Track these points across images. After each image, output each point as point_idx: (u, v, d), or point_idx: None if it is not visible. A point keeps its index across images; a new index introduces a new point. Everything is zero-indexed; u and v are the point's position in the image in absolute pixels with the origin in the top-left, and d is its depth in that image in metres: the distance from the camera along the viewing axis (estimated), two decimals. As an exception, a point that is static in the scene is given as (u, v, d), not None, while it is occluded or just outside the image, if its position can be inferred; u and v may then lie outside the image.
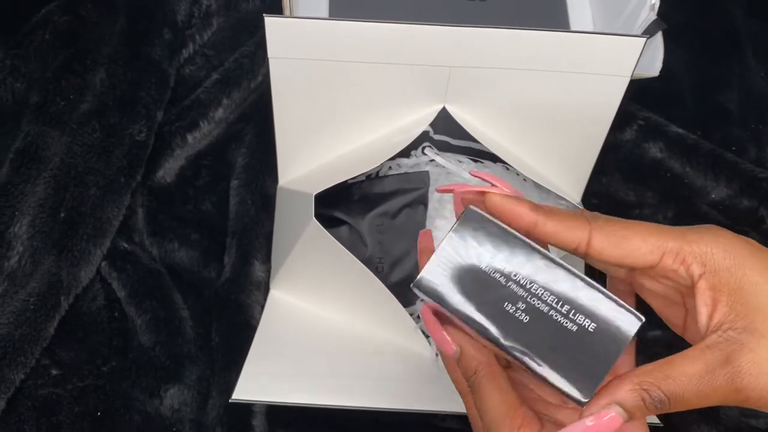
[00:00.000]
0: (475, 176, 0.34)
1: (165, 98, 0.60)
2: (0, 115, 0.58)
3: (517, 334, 0.30)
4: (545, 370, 0.29)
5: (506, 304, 0.30)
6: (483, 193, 0.32)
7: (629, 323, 0.29)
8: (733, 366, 0.28)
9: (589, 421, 0.28)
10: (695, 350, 0.29)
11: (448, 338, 0.32)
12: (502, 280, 0.30)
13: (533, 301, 0.30)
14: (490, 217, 0.31)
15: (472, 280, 0.30)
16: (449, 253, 0.30)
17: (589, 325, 0.29)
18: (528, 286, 0.30)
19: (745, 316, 0.28)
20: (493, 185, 0.32)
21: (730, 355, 0.28)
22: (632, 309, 0.29)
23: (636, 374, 0.29)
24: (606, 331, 0.29)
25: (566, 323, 0.29)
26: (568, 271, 0.30)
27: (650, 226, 0.30)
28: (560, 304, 0.29)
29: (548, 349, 0.29)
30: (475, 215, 0.31)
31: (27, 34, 0.60)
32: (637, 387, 0.28)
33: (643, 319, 0.29)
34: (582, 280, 0.29)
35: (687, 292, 0.31)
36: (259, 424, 0.51)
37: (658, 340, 0.54)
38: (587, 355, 0.29)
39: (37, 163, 0.54)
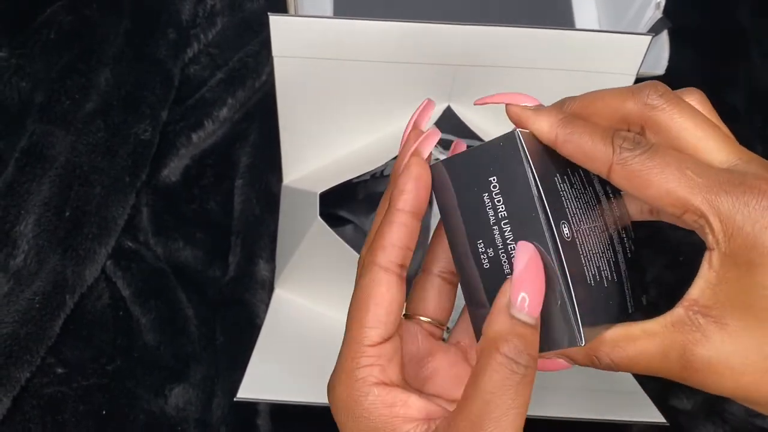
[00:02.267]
0: (484, 102, 0.32)
1: (170, 98, 0.60)
2: (5, 114, 0.58)
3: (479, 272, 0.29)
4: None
5: (479, 242, 0.29)
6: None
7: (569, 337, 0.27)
8: (687, 359, 0.26)
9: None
10: (657, 325, 0.27)
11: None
12: (492, 219, 0.28)
13: (502, 255, 0.28)
14: (526, 156, 0.27)
15: (474, 198, 0.29)
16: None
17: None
18: (507, 242, 0.28)
19: (725, 307, 0.26)
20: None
21: (687, 346, 0.26)
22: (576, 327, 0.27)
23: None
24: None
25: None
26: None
27: (681, 176, 0.25)
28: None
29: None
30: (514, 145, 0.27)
31: (32, 33, 0.60)
32: (589, 353, 0.28)
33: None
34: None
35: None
36: (264, 423, 0.51)
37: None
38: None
39: (42, 163, 0.55)
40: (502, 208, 0.28)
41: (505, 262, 0.28)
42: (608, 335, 0.28)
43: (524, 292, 0.26)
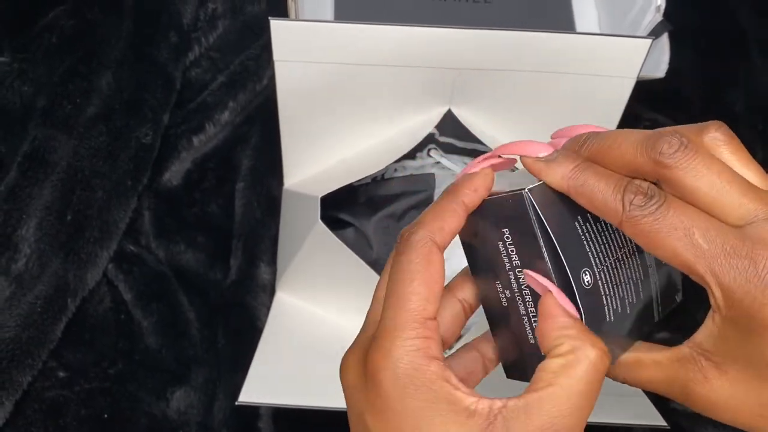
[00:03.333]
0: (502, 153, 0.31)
1: (171, 101, 0.60)
2: (7, 118, 0.58)
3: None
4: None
5: (497, 283, 0.30)
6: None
7: None
8: (688, 394, 0.28)
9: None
10: (665, 358, 0.29)
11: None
12: (507, 266, 0.29)
13: (518, 297, 0.30)
14: (537, 216, 0.28)
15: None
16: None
17: None
18: (522, 288, 0.29)
19: (726, 357, 0.27)
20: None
21: (688, 383, 0.28)
22: None
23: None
24: None
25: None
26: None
27: (688, 242, 0.26)
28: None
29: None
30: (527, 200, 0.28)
31: (34, 38, 0.60)
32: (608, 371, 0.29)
33: None
34: None
35: None
36: (266, 427, 0.51)
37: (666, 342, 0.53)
38: None
39: (44, 167, 0.55)
40: (516, 258, 0.29)
41: (521, 304, 0.30)
42: (623, 359, 0.30)
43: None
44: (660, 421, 0.46)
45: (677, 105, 0.65)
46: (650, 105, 0.64)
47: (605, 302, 0.29)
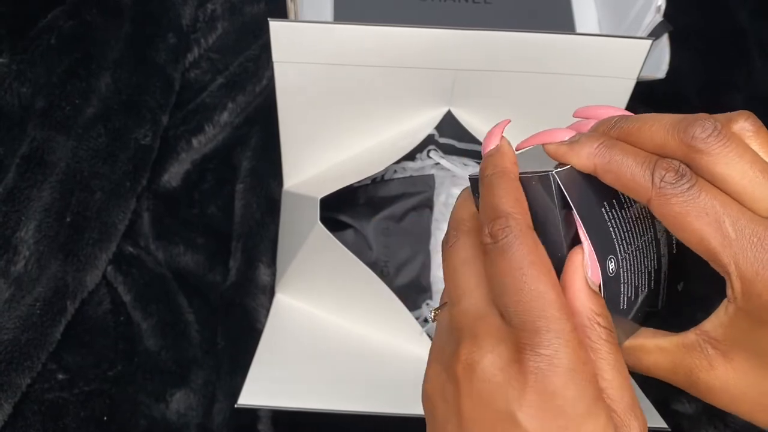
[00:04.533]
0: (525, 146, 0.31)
1: (170, 102, 0.60)
2: (6, 120, 0.58)
3: None
4: None
5: None
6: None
7: None
8: (693, 380, 0.28)
9: None
10: (670, 344, 0.29)
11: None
12: None
13: None
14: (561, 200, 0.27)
15: None
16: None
17: None
18: None
19: (733, 345, 0.27)
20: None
21: (693, 370, 0.28)
22: None
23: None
24: None
25: None
26: None
27: (716, 228, 0.25)
28: None
29: None
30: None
31: (33, 39, 0.60)
32: None
33: None
34: None
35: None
36: (265, 429, 0.51)
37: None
38: None
39: (43, 168, 0.55)
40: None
41: None
42: (627, 344, 0.30)
43: (590, 264, 0.27)
44: (661, 423, 0.46)
45: (677, 106, 0.65)
46: (650, 106, 0.64)
47: (622, 290, 0.29)
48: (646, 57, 0.46)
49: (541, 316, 0.26)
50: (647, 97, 0.61)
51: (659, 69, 0.57)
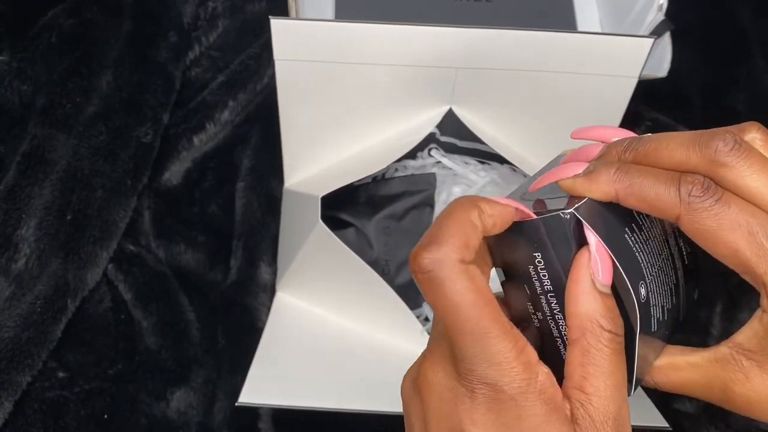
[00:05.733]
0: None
1: (171, 100, 0.60)
2: (7, 118, 0.58)
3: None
4: None
5: (528, 304, 0.29)
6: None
7: None
8: (728, 394, 0.28)
9: None
10: (701, 359, 0.29)
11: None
12: (539, 290, 0.29)
13: (550, 321, 0.29)
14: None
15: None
16: None
17: None
18: (555, 312, 0.29)
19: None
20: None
21: (728, 384, 0.28)
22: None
23: None
24: None
25: None
26: None
27: (750, 240, 0.25)
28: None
29: None
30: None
31: (33, 37, 0.60)
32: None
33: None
34: None
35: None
36: (266, 427, 0.51)
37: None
38: None
39: (44, 166, 0.54)
40: (547, 282, 0.28)
41: (553, 327, 0.29)
42: (656, 364, 0.30)
43: (601, 266, 0.27)
44: (662, 422, 0.46)
45: (679, 104, 0.65)
46: (652, 104, 0.64)
47: (653, 313, 0.29)
48: (647, 55, 0.45)
49: (483, 349, 0.26)
50: (649, 95, 0.61)
51: (661, 67, 0.56)
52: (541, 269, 0.28)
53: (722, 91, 0.67)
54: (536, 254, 0.28)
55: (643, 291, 0.28)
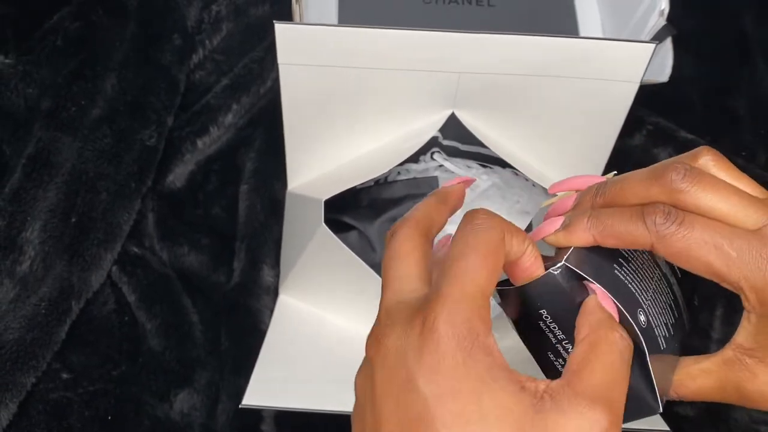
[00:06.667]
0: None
1: (175, 103, 0.60)
2: (12, 120, 0.58)
3: None
4: None
5: (549, 353, 0.31)
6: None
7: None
8: (742, 393, 0.30)
9: None
10: (712, 364, 0.31)
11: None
12: (554, 340, 0.30)
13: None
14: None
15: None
16: None
17: None
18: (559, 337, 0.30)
19: (766, 350, 0.29)
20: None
21: (740, 383, 0.30)
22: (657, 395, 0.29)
23: None
24: None
25: None
26: None
27: (718, 253, 0.28)
28: None
29: None
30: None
31: (39, 40, 0.60)
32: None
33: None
34: None
35: None
36: (268, 429, 0.51)
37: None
38: None
39: (49, 169, 0.55)
40: (559, 332, 0.30)
41: None
42: (674, 377, 0.32)
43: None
44: (662, 426, 0.46)
45: (680, 109, 0.65)
46: (654, 109, 0.64)
47: (657, 333, 0.30)
48: (649, 61, 0.46)
49: (462, 285, 0.26)
50: (650, 100, 0.61)
51: (663, 73, 0.57)
52: (550, 322, 0.30)
53: (724, 96, 0.67)
54: (542, 311, 0.30)
55: (642, 317, 0.30)
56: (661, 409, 0.29)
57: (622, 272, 0.30)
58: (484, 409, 0.25)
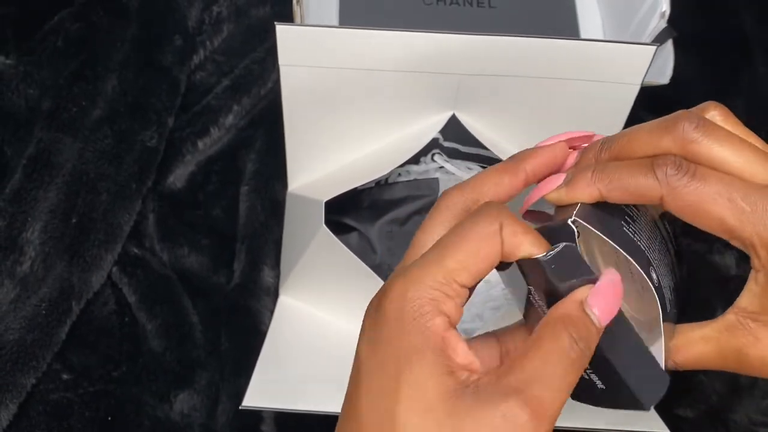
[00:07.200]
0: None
1: (176, 104, 0.61)
2: (13, 121, 0.58)
3: None
4: None
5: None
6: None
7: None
8: (743, 359, 0.29)
9: None
10: (712, 330, 0.30)
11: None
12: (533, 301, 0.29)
13: None
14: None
15: None
16: None
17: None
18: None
19: None
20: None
21: (741, 349, 0.29)
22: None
23: None
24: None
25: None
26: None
27: (732, 206, 0.27)
28: None
29: None
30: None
31: (40, 40, 0.60)
32: None
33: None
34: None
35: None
36: (269, 430, 0.51)
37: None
38: None
39: (50, 169, 0.55)
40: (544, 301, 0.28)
41: None
42: (671, 344, 0.31)
43: (603, 301, 0.27)
44: (662, 428, 0.46)
45: (681, 111, 0.65)
46: (654, 111, 0.63)
47: (665, 294, 0.30)
48: (650, 63, 0.46)
49: (428, 265, 0.27)
50: (651, 102, 0.61)
51: (663, 74, 0.57)
52: (538, 299, 0.28)
53: (724, 98, 0.66)
54: (530, 287, 0.28)
55: (654, 275, 0.29)
56: (668, 379, 0.28)
57: (630, 230, 0.29)
58: (400, 385, 0.25)
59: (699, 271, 0.53)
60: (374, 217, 0.55)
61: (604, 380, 0.29)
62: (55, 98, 0.58)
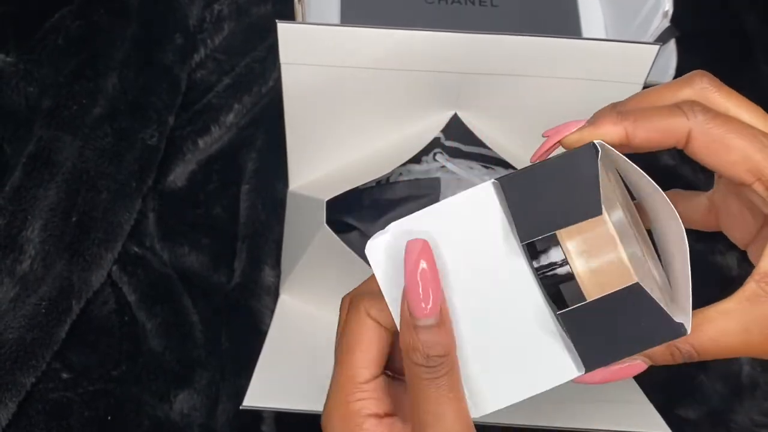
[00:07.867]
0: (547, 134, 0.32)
1: (176, 103, 0.60)
2: (13, 119, 0.58)
3: None
4: None
5: None
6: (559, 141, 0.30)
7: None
8: None
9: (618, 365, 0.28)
10: (734, 302, 0.28)
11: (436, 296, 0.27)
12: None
13: None
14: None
15: None
16: None
17: None
18: None
19: None
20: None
21: (767, 320, 0.27)
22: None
23: None
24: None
25: None
26: None
27: (759, 144, 0.27)
28: None
29: None
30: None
31: (40, 39, 0.60)
32: (670, 345, 0.28)
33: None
34: None
35: (765, 222, 0.30)
36: (268, 430, 0.51)
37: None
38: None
39: (50, 168, 0.55)
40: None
41: None
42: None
43: (416, 299, 0.27)
44: (665, 429, 0.46)
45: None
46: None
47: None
48: (653, 62, 0.46)
49: (336, 381, 0.30)
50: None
51: (666, 74, 0.57)
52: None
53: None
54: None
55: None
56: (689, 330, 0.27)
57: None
58: None
59: (700, 271, 0.53)
60: (375, 216, 0.55)
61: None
62: (55, 96, 0.57)
